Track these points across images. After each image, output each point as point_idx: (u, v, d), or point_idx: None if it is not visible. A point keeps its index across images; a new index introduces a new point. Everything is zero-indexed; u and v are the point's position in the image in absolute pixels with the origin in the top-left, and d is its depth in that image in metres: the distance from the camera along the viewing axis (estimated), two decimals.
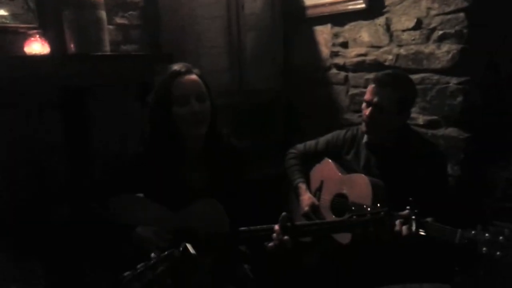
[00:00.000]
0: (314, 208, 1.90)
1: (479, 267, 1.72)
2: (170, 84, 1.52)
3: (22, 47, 2.01)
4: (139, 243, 1.43)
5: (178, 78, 1.52)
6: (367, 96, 1.81)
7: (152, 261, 1.13)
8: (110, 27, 2.29)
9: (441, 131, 2.13)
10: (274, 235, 1.43)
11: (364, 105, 1.84)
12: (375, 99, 1.76)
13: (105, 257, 1.50)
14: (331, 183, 1.95)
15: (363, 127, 1.86)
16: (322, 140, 2.09)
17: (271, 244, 1.44)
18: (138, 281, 1.09)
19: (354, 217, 1.45)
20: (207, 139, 1.60)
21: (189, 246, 1.15)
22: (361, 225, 1.43)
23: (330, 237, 1.79)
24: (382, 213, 1.43)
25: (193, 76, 1.55)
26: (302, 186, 2.00)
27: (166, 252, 1.15)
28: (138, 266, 1.12)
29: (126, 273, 1.11)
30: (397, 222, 1.50)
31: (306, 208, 1.91)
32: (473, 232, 1.38)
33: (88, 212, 1.56)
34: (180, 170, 1.59)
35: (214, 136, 1.61)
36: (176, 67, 1.56)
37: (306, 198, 1.95)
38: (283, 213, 1.46)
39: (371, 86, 1.80)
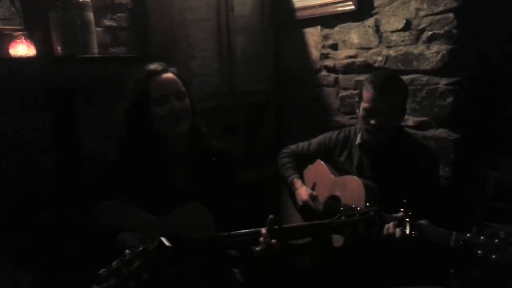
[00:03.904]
0: (313, 197, 1.90)
1: (474, 269, 1.72)
2: (147, 84, 1.48)
3: (7, 49, 1.96)
4: (122, 249, 1.38)
5: (155, 78, 1.49)
6: (369, 105, 1.72)
7: (127, 257, 1.11)
8: (98, 29, 2.25)
9: (431, 132, 2.14)
10: (261, 238, 1.41)
11: (363, 113, 1.76)
12: (382, 108, 1.70)
13: (87, 261, 1.47)
14: (323, 185, 1.94)
15: (366, 136, 1.82)
16: (315, 141, 2.08)
17: (258, 248, 1.41)
18: (114, 277, 1.08)
19: (343, 217, 1.42)
20: (190, 139, 1.57)
21: (164, 239, 1.13)
22: (350, 225, 1.40)
23: (323, 240, 1.78)
24: (371, 212, 1.40)
25: (170, 75, 1.52)
26: (298, 181, 2.00)
27: (140, 248, 1.13)
28: (113, 262, 1.10)
29: (102, 270, 1.09)
30: (391, 224, 1.49)
31: (305, 198, 1.90)
32: (468, 234, 1.38)
33: (69, 220, 1.52)
34: (163, 172, 1.55)
35: (196, 136, 1.58)
36: (151, 66, 1.52)
37: (303, 190, 1.95)
38: (270, 216, 1.43)
39: (370, 94, 1.72)
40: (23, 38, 1.99)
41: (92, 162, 2.15)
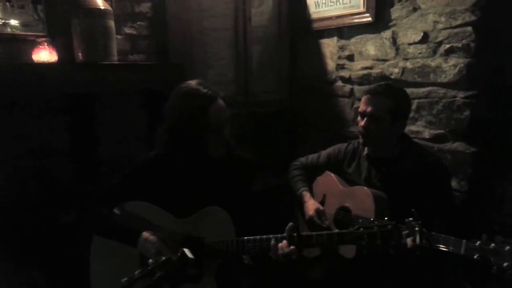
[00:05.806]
0: (319, 212, 1.88)
1: (493, 284, 1.68)
2: (206, 111, 1.47)
3: (31, 55, 2.03)
4: (143, 247, 1.39)
5: (214, 105, 1.49)
6: (361, 108, 1.82)
7: (149, 267, 1.12)
8: (119, 37, 2.31)
9: (448, 146, 2.11)
10: (280, 244, 1.43)
11: (359, 117, 1.84)
12: (369, 109, 1.76)
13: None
14: (333, 196, 1.93)
15: (360, 139, 1.86)
16: (324, 153, 2.09)
17: (276, 253, 1.43)
18: (135, 287, 1.08)
19: (361, 229, 1.42)
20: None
21: (187, 250, 1.14)
22: (367, 237, 1.39)
23: (335, 252, 1.77)
24: (389, 226, 1.39)
25: (223, 103, 1.53)
26: (306, 194, 1.99)
27: (163, 258, 1.14)
28: (136, 272, 1.11)
29: (124, 279, 1.10)
30: (402, 234, 1.47)
31: (311, 213, 1.89)
32: (478, 242, 1.36)
33: (95, 213, 1.53)
34: (193, 175, 1.58)
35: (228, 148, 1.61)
36: (206, 90, 1.50)
37: (311, 203, 1.94)
38: (290, 223, 1.45)
39: (364, 98, 1.81)
40: (45, 44, 2.06)
41: (108, 166, 2.19)
